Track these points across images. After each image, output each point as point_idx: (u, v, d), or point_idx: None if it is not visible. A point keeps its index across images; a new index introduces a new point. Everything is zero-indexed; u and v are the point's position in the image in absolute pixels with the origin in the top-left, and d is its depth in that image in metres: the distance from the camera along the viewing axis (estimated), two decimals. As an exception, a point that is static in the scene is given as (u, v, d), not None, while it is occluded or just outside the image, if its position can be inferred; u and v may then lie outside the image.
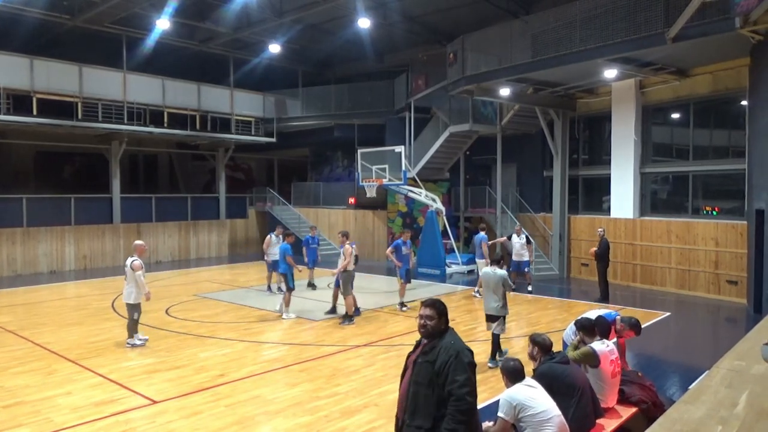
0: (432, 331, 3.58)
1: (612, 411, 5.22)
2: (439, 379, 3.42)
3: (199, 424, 5.96)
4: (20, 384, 7.21)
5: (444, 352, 3.47)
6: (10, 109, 16.16)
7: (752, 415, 2.72)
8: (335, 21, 19.23)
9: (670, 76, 14.12)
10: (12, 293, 14.40)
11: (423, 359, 3.54)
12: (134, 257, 9.13)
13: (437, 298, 3.74)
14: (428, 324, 3.59)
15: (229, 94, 21.82)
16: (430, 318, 3.60)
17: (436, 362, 3.46)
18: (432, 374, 3.46)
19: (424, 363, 3.52)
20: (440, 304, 3.67)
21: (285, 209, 23.88)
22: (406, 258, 12.20)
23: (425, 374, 3.49)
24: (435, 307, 3.62)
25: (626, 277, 15.39)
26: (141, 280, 8.96)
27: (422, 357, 3.56)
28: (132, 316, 9.03)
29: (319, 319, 11.09)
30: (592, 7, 12.51)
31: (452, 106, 18.78)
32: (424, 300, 3.72)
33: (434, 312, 3.60)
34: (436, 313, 3.60)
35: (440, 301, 3.69)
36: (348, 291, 10.72)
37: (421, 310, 3.66)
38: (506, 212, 18.26)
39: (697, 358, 8.78)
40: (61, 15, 17.64)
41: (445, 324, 3.64)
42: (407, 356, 3.76)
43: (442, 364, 3.43)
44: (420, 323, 3.63)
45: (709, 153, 14.54)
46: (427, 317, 3.60)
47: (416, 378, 3.54)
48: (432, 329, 3.58)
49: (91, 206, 19.29)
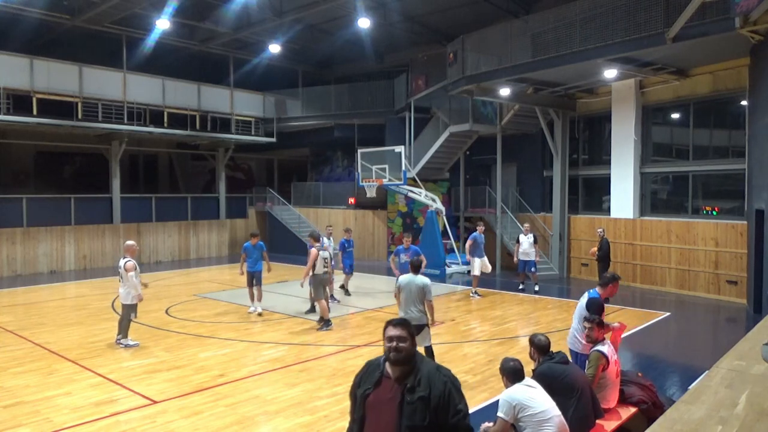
0: (406, 354, 2.95)
1: (612, 411, 5.22)
2: (439, 415, 2.85)
3: (199, 424, 5.96)
4: (20, 384, 7.21)
5: (433, 381, 2.90)
6: (10, 109, 16.15)
7: (752, 415, 2.72)
8: (335, 21, 19.24)
9: (670, 76, 14.12)
10: (12, 293, 14.39)
11: (413, 397, 2.87)
12: (127, 258, 9.02)
13: (403, 318, 3.20)
14: (401, 346, 2.94)
15: (229, 94, 21.82)
16: (402, 339, 2.96)
17: (430, 396, 2.86)
18: (430, 412, 2.84)
19: (416, 402, 2.85)
20: (408, 322, 3.09)
21: (285, 209, 23.88)
22: (407, 265, 10.99)
23: (421, 415, 2.84)
24: (406, 326, 3.03)
25: (626, 277, 15.37)
26: (133, 281, 8.85)
27: (410, 394, 2.88)
28: (128, 316, 8.97)
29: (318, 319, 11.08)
30: (592, 7, 12.51)
31: (452, 106, 18.78)
32: (391, 319, 3.09)
33: (406, 332, 2.98)
34: (408, 333, 2.99)
35: (407, 320, 3.12)
36: (319, 295, 10.32)
37: (389, 331, 3.00)
38: (506, 212, 18.26)
39: (697, 358, 8.77)
40: (61, 15, 17.65)
41: (415, 345, 3.05)
42: (361, 394, 3.03)
43: (439, 396, 2.86)
44: (391, 347, 2.94)
45: (709, 153, 14.54)
46: (398, 338, 2.95)
47: (410, 422, 2.84)
48: (406, 353, 2.95)
49: (91, 206, 19.29)
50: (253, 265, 11.58)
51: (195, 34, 20.84)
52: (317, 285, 10.32)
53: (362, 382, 3.08)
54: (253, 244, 11.67)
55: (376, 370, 3.06)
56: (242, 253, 11.74)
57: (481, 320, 11.22)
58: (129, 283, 8.89)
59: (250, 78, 22.61)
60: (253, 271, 11.58)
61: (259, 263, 11.66)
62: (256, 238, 11.89)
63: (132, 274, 8.84)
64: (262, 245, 11.83)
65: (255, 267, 11.60)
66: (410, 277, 7.42)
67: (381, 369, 3.04)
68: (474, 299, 13.19)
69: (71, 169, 23.41)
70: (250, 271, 11.58)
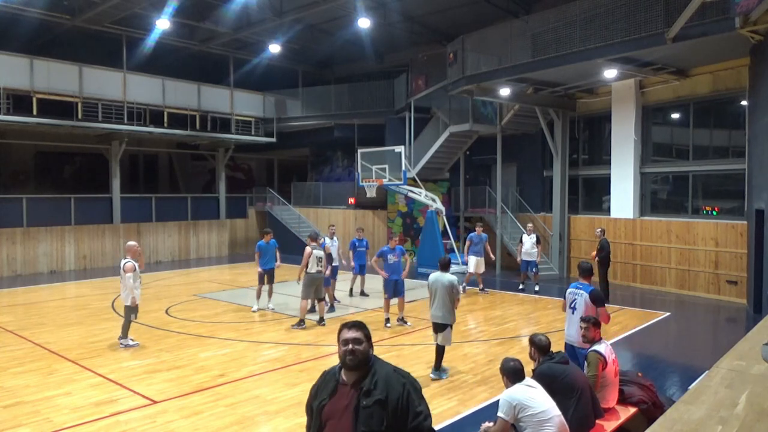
0: (363, 358, 2.87)
1: (612, 411, 5.22)
2: (398, 419, 2.75)
3: (199, 424, 5.96)
4: (20, 384, 7.21)
5: (391, 383, 2.80)
6: (10, 109, 16.15)
7: (752, 415, 2.72)
8: (335, 21, 19.24)
9: (670, 76, 14.12)
10: (12, 293, 14.39)
11: (369, 400, 2.77)
12: (126, 259, 8.92)
13: (358, 319, 3.09)
14: (357, 349, 2.86)
15: (229, 94, 21.82)
16: (357, 341, 2.88)
17: (387, 400, 2.76)
18: (387, 416, 2.74)
19: (373, 406, 2.75)
20: (364, 324, 2.99)
21: (285, 209, 23.88)
22: (394, 267, 10.50)
23: (378, 419, 2.73)
24: (361, 328, 2.94)
25: (626, 277, 15.39)
26: (129, 283, 8.73)
27: (366, 398, 2.78)
28: (128, 317, 8.93)
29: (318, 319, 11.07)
30: (592, 7, 12.51)
31: (452, 106, 18.78)
32: (345, 322, 3.03)
33: (362, 334, 2.91)
34: (364, 335, 2.92)
35: (362, 322, 3.01)
36: (305, 294, 10.29)
37: (343, 334, 2.93)
38: (506, 212, 18.26)
39: (697, 358, 8.77)
40: (61, 15, 17.66)
41: (372, 348, 2.98)
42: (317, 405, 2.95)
43: (397, 399, 2.77)
44: (347, 350, 2.86)
45: (709, 153, 14.54)
46: (354, 341, 2.88)
47: (367, 428, 2.73)
48: (362, 356, 2.87)
49: (91, 206, 19.29)
50: (267, 263, 11.64)
51: (195, 34, 20.84)
52: (307, 284, 10.30)
53: (318, 393, 2.99)
54: (266, 241, 11.71)
55: (331, 380, 2.96)
56: (257, 251, 11.74)
57: (481, 320, 11.22)
58: (126, 284, 8.82)
59: (250, 78, 22.61)
60: (268, 269, 11.64)
61: (272, 261, 11.71)
62: (270, 235, 11.95)
63: (129, 275, 8.73)
64: (275, 243, 11.89)
65: (269, 265, 11.66)
66: (438, 275, 7.69)
67: (336, 377, 2.94)
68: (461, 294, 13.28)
69: (71, 169, 23.42)
70: (264, 269, 11.63)
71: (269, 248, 11.72)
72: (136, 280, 8.87)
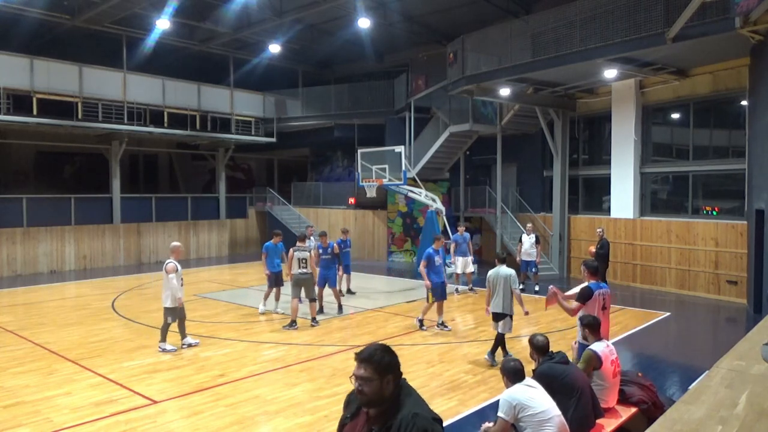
0: (373, 398, 2.47)
1: (612, 411, 5.22)
2: None
3: (199, 424, 5.96)
4: (20, 384, 7.21)
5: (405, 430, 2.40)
6: (10, 109, 16.15)
7: (752, 415, 2.72)
8: (335, 21, 19.24)
9: (670, 76, 14.12)
10: (12, 293, 14.39)
11: None
12: (170, 259, 8.77)
13: (378, 347, 2.56)
14: (364, 390, 2.47)
15: (229, 94, 21.82)
16: (365, 381, 2.46)
17: None
18: None
19: None
20: (380, 355, 2.50)
21: (285, 209, 23.87)
22: (439, 269, 9.87)
23: None
24: (372, 362, 2.47)
25: (626, 277, 15.39)
26: (172, 283, 8.57)
27: None
28: (166, 319, 8.74)
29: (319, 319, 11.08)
30: (592, 7, 12.51)
31: (452, 106, 18.77)
32: (360, 350, 2.56)
33: (371, 371, 2.46)
34: (374, 373, 2.46)
35: (381, 352, 2.52)
36: (293, 294, 10.31)
37: (355, 368, 2.53)
38: (506, 212, 18.26)
39: (697, 358, 8.77)
40: (61, 15, 17.65)
41: (395, 383, 2.51)
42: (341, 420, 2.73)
43: None
44: (356, 387, 2.51)
45: (709, 153, 14.53)
46: (361, 379, 2.47)
47: None
48: (373, 396, 2.47)
49: (91, 206, 19.29)
50: (276, 266, 11.44)
51: (195, 34, 20.84)
52: (293, 284, 10.33)
53: (347, 406, 2.77)
54: (275, 243, 11.51)
55: (357, 400, 2.63)
56: (263, 252, 11.49)
57: (481, 320, 11.21)
58: (168, 284, 8.64)
59: (250, 78, 22.61)
60: (277, 271, 11.47)
61: (279, 264, 11.52)
62: (279, 237, 11.69)
63: (172, 276, 8.57)
64: (282, 246, 11.64)
65: (278, 267, 11.49)
66: (497, 269, 8.06)
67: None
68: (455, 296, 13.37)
69: (71, 169, 23.41)
70: (273, 271, 11.41)
71: (277, 250, 11.52)
72: (179, 281, 8.69)
